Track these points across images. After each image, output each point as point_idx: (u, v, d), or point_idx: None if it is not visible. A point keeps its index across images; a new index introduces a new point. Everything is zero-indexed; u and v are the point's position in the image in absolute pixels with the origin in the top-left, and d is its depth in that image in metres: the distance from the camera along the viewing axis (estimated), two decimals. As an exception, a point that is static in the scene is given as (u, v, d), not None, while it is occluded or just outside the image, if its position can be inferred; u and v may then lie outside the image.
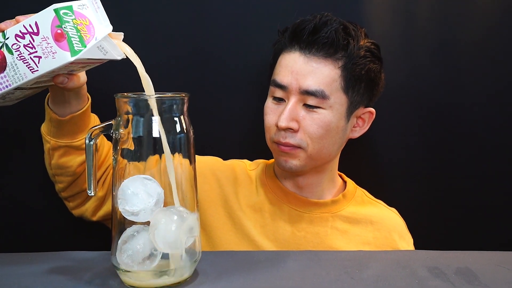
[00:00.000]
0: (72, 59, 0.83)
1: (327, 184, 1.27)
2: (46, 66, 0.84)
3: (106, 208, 1.18)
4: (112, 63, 0.91)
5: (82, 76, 0.99)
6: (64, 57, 0.83)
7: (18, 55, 0.85)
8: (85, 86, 1.06)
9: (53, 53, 0.83)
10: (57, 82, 0.92)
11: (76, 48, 0.83)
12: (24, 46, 0.84)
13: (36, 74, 0.85)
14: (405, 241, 1.26)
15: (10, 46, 0.85)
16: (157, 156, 0.83)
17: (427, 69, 1.40)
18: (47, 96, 1.08)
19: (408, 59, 1.40)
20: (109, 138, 1.15)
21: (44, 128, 1.11)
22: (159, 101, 0.82)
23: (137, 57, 0.87)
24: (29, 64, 0.85)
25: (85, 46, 0.83)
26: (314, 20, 1.16)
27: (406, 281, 0.85)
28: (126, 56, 0.88)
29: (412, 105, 1.41)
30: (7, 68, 0.86)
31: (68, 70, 0.90)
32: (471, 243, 1.34)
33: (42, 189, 1.31)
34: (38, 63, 0.84)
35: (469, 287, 0.83)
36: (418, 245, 1.28)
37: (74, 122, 1.07)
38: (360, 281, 0.85)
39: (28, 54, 0.84)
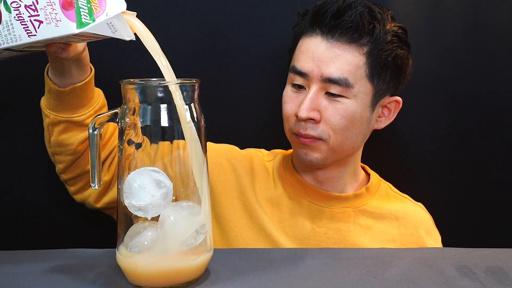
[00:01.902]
0: (78, 31, 0.79)
1: (349, 178, 1.24)
2: (46, 32, 0.80)
3: (112, 194, 1.15)
4: (118, 47, 0.87)
5: (80, 45, 0.95)
6: (68, 28, 0.79)
7: (16, 14, 0.80)
8: (87, 55, 1.02)
9: (57, 20, 0.79)
10: (50, 50, 0.89)
11: (83, 20, 0.79)
12: (26, 6, 0.80)
13: (33, 39, 0.81)
14: (433, 238, 1.23)
15: (8, 3, 0.81)
16: (167, 145, 0.81)
17: (456, 55, 1.37)
18: (46, 66, 1.04)
19: (435, 43, 1.36)
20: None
21: (43, 101, 1.07)
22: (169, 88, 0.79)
23: (152, 36, 0.84)
24: (27, 27, 0.80)
25: (94, 20, 0.80)
26: (337, 2, 1.12)
27: (432, 280, 0.83)
28: (136, 38, 0.85)
29: (440, 94, 1.38)
30: (0, 25, 0.82)
31: (67, 40, 0.86)
32: (503, 240, 1.33)
33: (44, 183, 1.30)
34: (38, 27, 0.80)
35: (500, 287, 0.81)
36: (446, 242, 1.25)
37: (76, 95, 1.03)
38: (383, 281, 0.83)
39: (29, 16, 0.80)
